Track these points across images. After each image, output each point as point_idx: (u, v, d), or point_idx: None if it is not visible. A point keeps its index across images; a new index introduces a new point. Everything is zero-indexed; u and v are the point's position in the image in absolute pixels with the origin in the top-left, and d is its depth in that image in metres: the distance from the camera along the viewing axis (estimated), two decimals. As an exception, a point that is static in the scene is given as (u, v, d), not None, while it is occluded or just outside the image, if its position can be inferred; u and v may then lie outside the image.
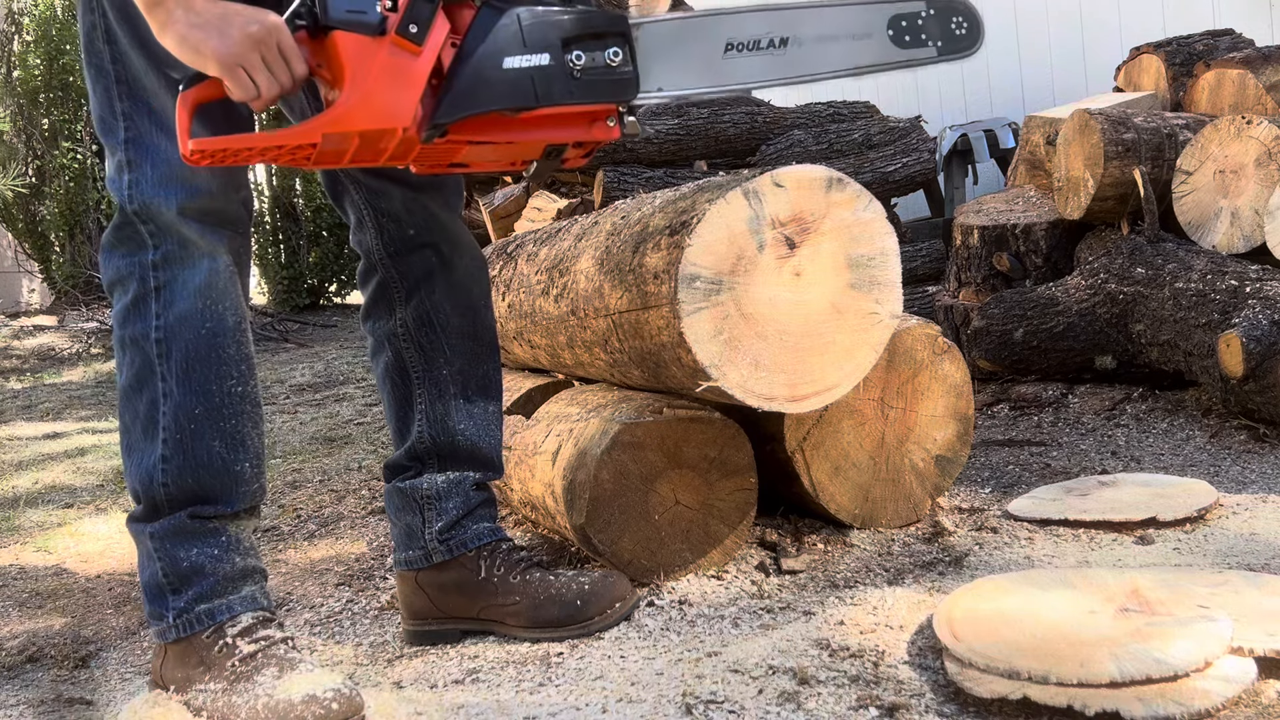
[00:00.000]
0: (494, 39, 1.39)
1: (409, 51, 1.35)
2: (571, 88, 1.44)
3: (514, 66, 1.40)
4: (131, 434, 1.52)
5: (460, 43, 1.39)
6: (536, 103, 1.43)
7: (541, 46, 1.42)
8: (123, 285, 1.50)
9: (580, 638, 1.61)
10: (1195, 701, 1.18)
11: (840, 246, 1.66)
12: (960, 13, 1.87)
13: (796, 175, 1.62)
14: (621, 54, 1.48)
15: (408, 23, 1.34)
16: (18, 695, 1.69)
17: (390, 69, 1.34)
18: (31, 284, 8.99)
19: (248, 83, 1.31)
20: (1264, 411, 2.33)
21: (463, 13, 1.40)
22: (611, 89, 1.48)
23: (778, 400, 1.63)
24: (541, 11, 1.43)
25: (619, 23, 1.49)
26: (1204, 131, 2.79)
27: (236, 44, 1.29)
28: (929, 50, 1.84)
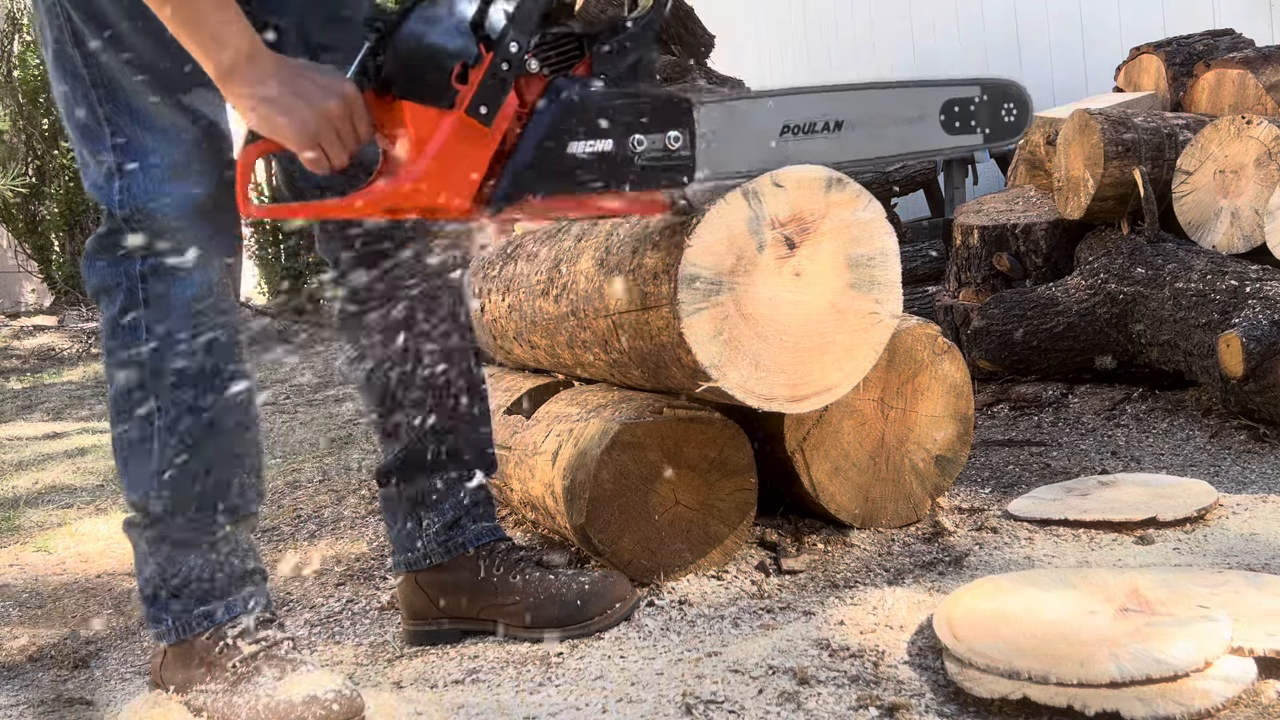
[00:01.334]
0: (561, 122, 1.41)
1: (475, 130, 1.35)
2: (631, 174, 1.47)
3: (578, 154, 1.42)
4: (126, 442, 1.50)
5: (527, 119, 1.40)
6: (596, 189, 1.44)
7: (606, 132, 1.44)
8: (109, 294, 1.47)
9: (580, 638, 1.61)
10: (1195, 701, 1.18)
11: (840, 246, 1.66)
12: (1013, 99, 1.87)
13: (796, 175, 1.62)
14: (682, 139, 1.51)
15: (479, 103, 1.34)
16: (18, 695, 1.69)
17: (457, 146, 1.34)
18: (31, 284, 8.99)
19: (321, 157, 1.32)
20: (1264, 411, 2.33)
21: (531, 86, 1.40)
22: (669, 175, 1.50)
23: (778, 400, 1.63)
24: (609, 95, 1.44)
25: (682, 107, 1.51)
26: (1204, 131, 2.79)
27: (312, 123, 1.30)
28: (976, 137, 1.84)
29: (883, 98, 1.73)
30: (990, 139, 1.85)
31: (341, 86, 1.32)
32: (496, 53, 1.34)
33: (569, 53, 1.43)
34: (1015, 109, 1.87)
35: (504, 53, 1.34)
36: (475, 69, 1.33)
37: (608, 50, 1.44)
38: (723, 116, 1.57)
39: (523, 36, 1.35)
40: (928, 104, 1.77)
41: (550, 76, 1.41)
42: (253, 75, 1.30)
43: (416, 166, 1.34)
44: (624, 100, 1.45)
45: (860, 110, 1.69)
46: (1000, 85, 1.87)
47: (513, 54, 1.35)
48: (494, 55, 1.34)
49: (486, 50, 1.34)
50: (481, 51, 1.34)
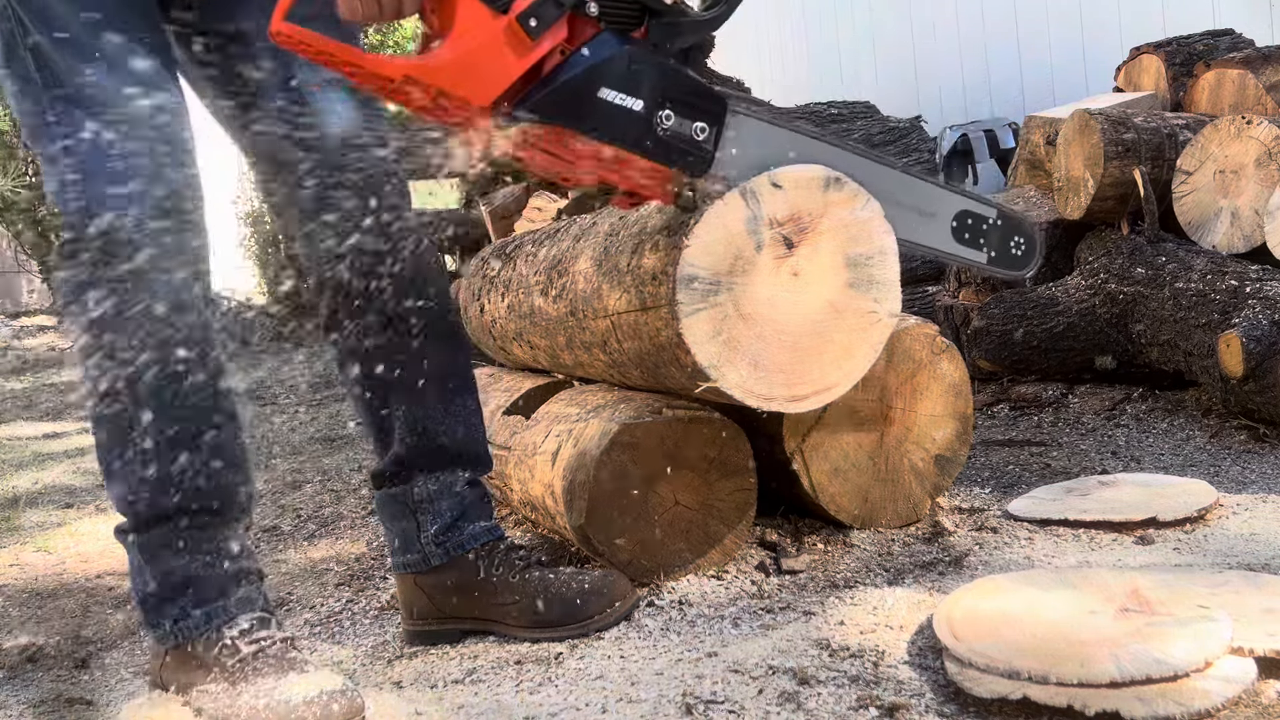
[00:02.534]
0: (601, 66, 1.42)
1: (520, 40, 1.36)
2: (650, 142, 1.48)
3: (607, 99, 1.43)
4: (109, 452, 1.49)
5: (569, 53, 1.41)
6: (612, 141, 1.45)
7: (640, 92, 1.45)
8: (80, 302, 1.44)
9: (580, 637, 1.61)
10: (1195, 701, 1.18)
11: (838, 246, 1.65)
12: (1024, 235, 1.89)
13: (794, 175, 1.62)
14: (708, 132, 1.52)
15: (529, 16, 1.36)
16: (18, 695, 1.69)
17: (495, 48, 1.36)
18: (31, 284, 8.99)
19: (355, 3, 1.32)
20: (1264, 411, 2.33)
21: (584, 27, 1.42)
22: (685, 157, 1.52)
23: (777, 400, 1.63)
24: (654, 62, 1.46)
25: (718, 102, 1.53)
26: (1204, 131, 2.79)
27: None
28: (980, 255, 1.86)
29: (910, 184, 1.76)
30: (993, 263, 1.88)
31: None
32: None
33: (630, 15, 1.45)
34: (1025, 245, 1.89)
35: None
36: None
37: (666, 26, 1.47)
38: (757, 131, 1.58)
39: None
40: (946, 206, 1.80)
41: (604, 27, 1.43)
42: None
43: (452, 50, 1.35)
44: (665, 73, 1.47)
45: (885, 185, 1.71)
46: (1019, 219, 1.90)
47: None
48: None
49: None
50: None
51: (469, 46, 1.35)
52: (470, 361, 1.74)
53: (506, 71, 1.37)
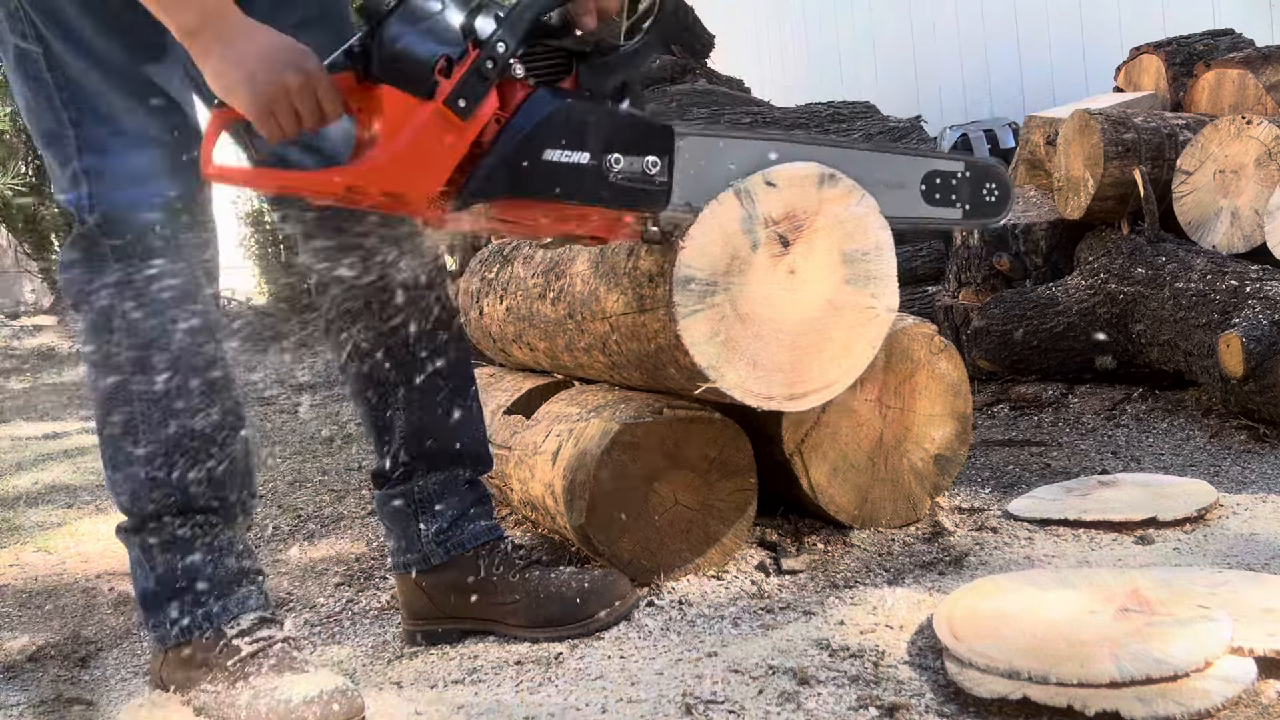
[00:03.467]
0: (539, 128, 1.38)
1: (452, 123, 1.33)
2: (602, 190, 1.44)
3: (553, 160, 1.40)
4: (112, 450, 1.50)
5: (506, 121, 1.38)
6: (567, 199, 1.42)
7: (584, 144, 1.41)
8: (86, 302, 1.46)
9: (580, 636, 1.61)
10: (1195, 701, 1.18)
11: (834, 242, 1.65)
12: (995, 180, 1.88)
13: (788, 173, 1.62)
14: (660, 165, 1.48)
15: (458, 96, 1.32)
16: (18, 695, 1.69)
17: (429, 137, 1.33)
18: (31, 284, 8.99)
19: (275, 126, 1.30)
20: (1264, 411, 2.33)
21: (514, 90, 1.38)
22: (643, 198, 1.48)
23: (777, 399, 1.63)
24: (591, 109, 1.42)
25: (664, 134, 1.49)
26: (1204, 131, 2.79)
27: (268, 94, 1.27)
28: (955, 212, 1.85)
29: (870, 159, 1.73)
30: (969, 216, 1.86)
31: (306, 62, 1.30)
32: (482, 50, 1.33)
33: (556, 66, 1.41)
34: (998, 189, 1.88)
35: (490, 50, 1.33)
36: (459, 65, 1.32)
37: (596, 69, 1.42)
38: (709, 149, 1.56)
39: (511, 39, 1.34)
40: (911, 172, 1.77)
41: (535, 85, 1.39)
42: (217, 35, 1.28)
43: (387, 149, 1.32)
44: (606, 118, 1.43)
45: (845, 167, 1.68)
46: (984, 165, 1.88)
47: (499, 54, 1.34)
48: (479, 52, 1.33)
49: (474, 48, 1.33)
50: (469, 49, 1.33)
51: (403, 142, 1.32)
52: (470, 361, 1.75)
53: (446, 158, 1.34)
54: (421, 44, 1.33)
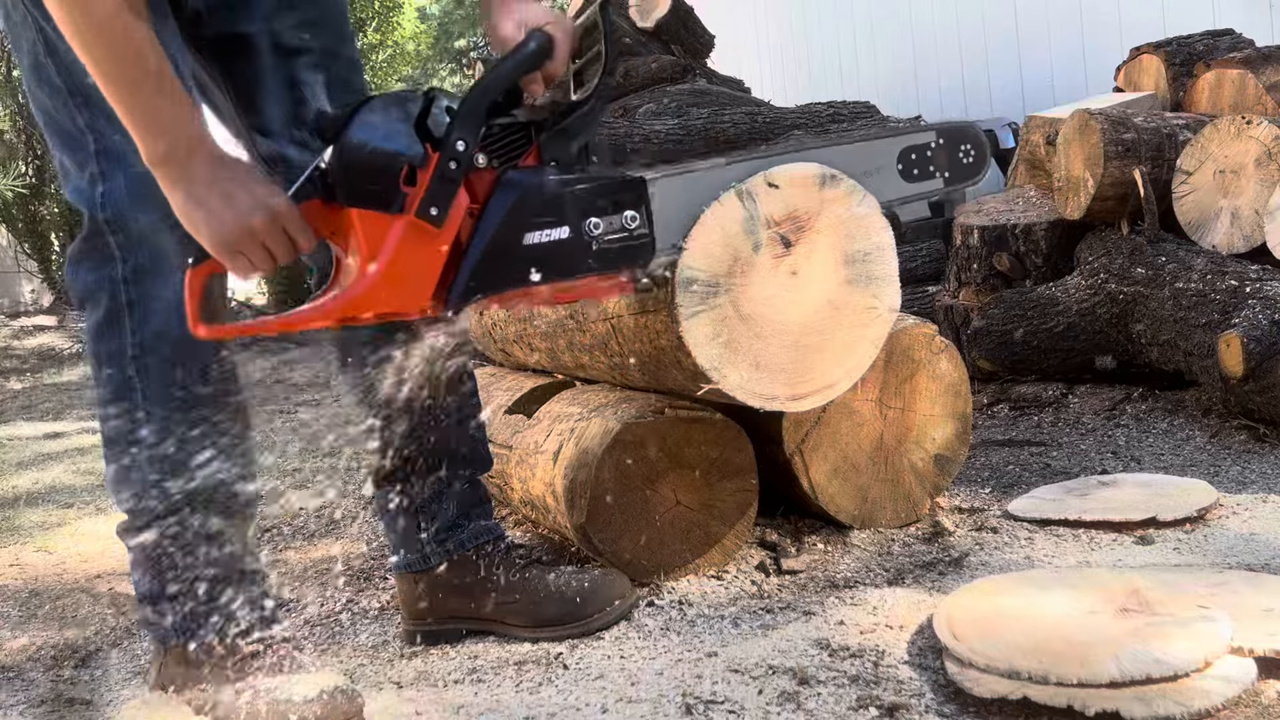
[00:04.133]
0: (514, 214, 1.37)
1: (427, 232, 1.31)
2: (590, 259, 1.43)
3: (534, 243, 1.38)
4: (115, 448, 1.50)
5: (479, 213, 1.36)
6: (556, 278, 1.41)
7: (561, 218, 1.40)
8: (94, 299, 1.46)
9: (580, 637, 1.61)
10: (1195, 701, 1.18)
11: (836, 243, 1.65)
12: (969, 140, 1.88)
13: (790, 174, 1.62)
14: (638, 216, 1.47)
15: (428, 205, 1.30)
16: (18, 695, 1.69)
17: (407, 251, 1.31)
18: (31, 284, 8.99)
19: (245, 265, 1.28)
20: (1264, 411, 2.33)
21: (481, 181, 1.36)
22: (629, 255, 1.47)
23: (779, 400, 1.63)
24: (561, 183, 1.40)
25: (635, 186, 1.48)
26: (1204, 131, 2.79)
27: (234, 232, 1.26)
28: (936, 182, 1.85)
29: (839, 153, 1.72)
30: (951, 182, 1.86)
31: (273, 201, 1.28)
32: (443, 152, 1.31)
33: (516, 142, 1.39)
34: (973, 149, 1.87)
35: (451, 152, 1.31)
36: (423, 170, 1.30)
37: (555, 136, 1.41)
38: (679, 188, 1.55)
39: (469, 134, 1.32)
40: (884, 154, 1.76)
41: (499, 169, 1.37)
42: (184, 172, 1.26)
43: (369, 274, 1.30)
44: (576, 186, 1.41)
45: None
46: (956, 128, 1.87)
47: (460, 152, 1.31)
48: (440, 155, 1.30)
49: (433, 150, 1.31)
50: (428, 151, 1.30)
51: (383, 263, 1.30)
52: (469, 355, 1.75)
53: (429, 269, 1.33)
54: (380, 158, 1.29)
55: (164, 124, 1.26)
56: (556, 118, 1.41)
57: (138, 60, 1.25)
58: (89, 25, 1.23)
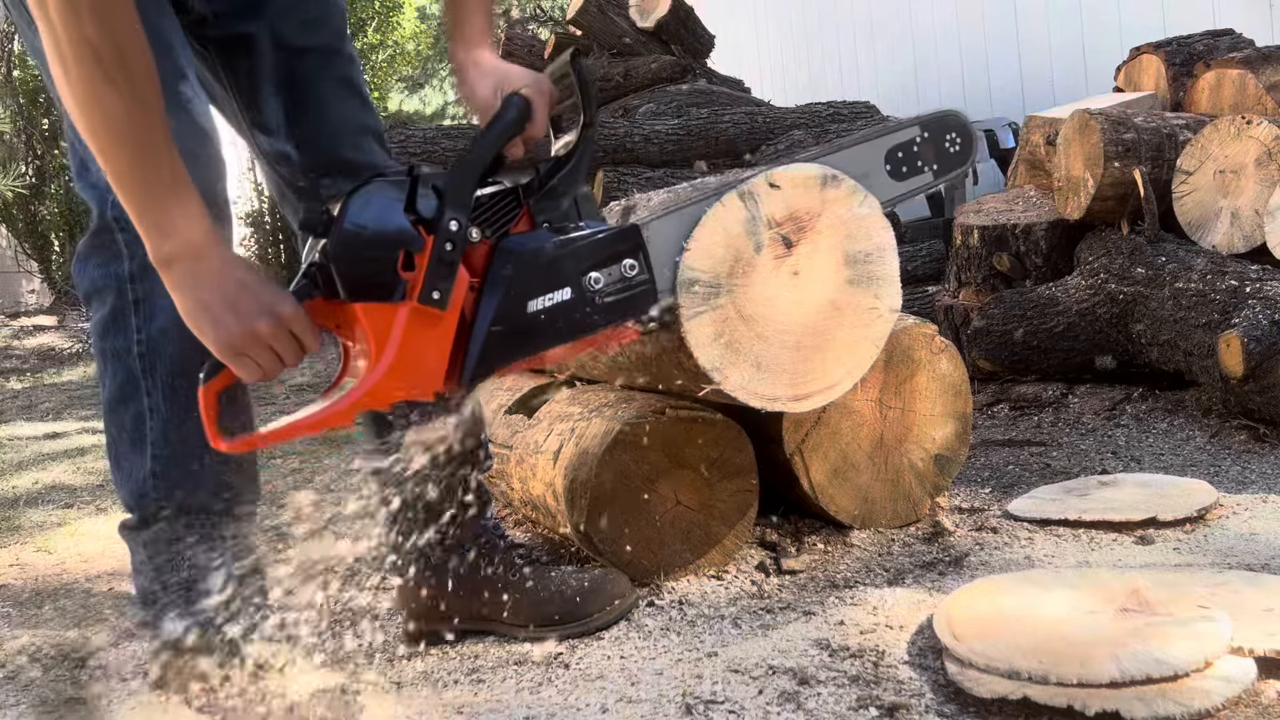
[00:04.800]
0: (515, 284, 1.36)
1: (432, 316, 1.31)
2: (594, 315, 1.43)
3: (538, 309, 1.38)
4: (119, 446, 1.50)
5: (480, 286, 1.35)
6: (564, 340, 1.41)
7: (562, 281, 1.39)
8: (100, 296, 1.46)
9: (580, 636, 1.61)
10: (1195, 701, 1.18)
11: (837, 243, 1.65)
12: (953, 128, 1.87)
13: (791, 174, 1.62)
14: (637, 264, 1.47)
15: (430, 289, 1.29)
16: (18, 695, 1.69)
17: (415, 338, 1.30)
18: (31, 284, 8.99)
19: (252, 368, 1.27)
20: (1264, 411, 2.33)
21: (477, 254, 1.35)
22: (632, 304, 1.47)
23: (780, 400, 1.63)
24: (558, 244, 1.39)
25: (631, 235, 1.47)
26: (1204, 131, 2.79)
27: (240, 338, 1.25)
28: (926, 176, 1.84)
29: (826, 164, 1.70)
30: (940, 173, 1.85)
31: (278, 306, 1.26)
32: (437, 235, 1.29)
33: (506, 209, 1.38)
34: (959, 137, 1.87)
35: (445, 234, 1.29)
36: (419, 254, 1.29)
37: (544, 198, 1.40)
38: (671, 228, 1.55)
39: (461, 213, 1.31)
40: (871, 157, 1.76)
41: (494, 239, 1.36)
42: (190, 276, 1.25)
43: (380, 366, 1.29)
44: (572, 245, 1.41)
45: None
46: (938, 119, 1.87)
47: (454, 233, 1.30)
48: (435, 238, 1.29)
49: (426, 233, 1.29)
50: (421, 234, 1.29)
51: (392, 352, 1.29)
52: None
53: (438, 351, 1.32)
54: (376, 250, 1.28)
55: (172, 227, 1.25)
56: (543, 178, 1.41)
57: (153, 164, 1.23)
58: (106, 129, 1.21)
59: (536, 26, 9.01)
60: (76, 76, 1.19)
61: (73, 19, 1.16)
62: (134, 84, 1.20)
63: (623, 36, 6.20)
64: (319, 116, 1.62)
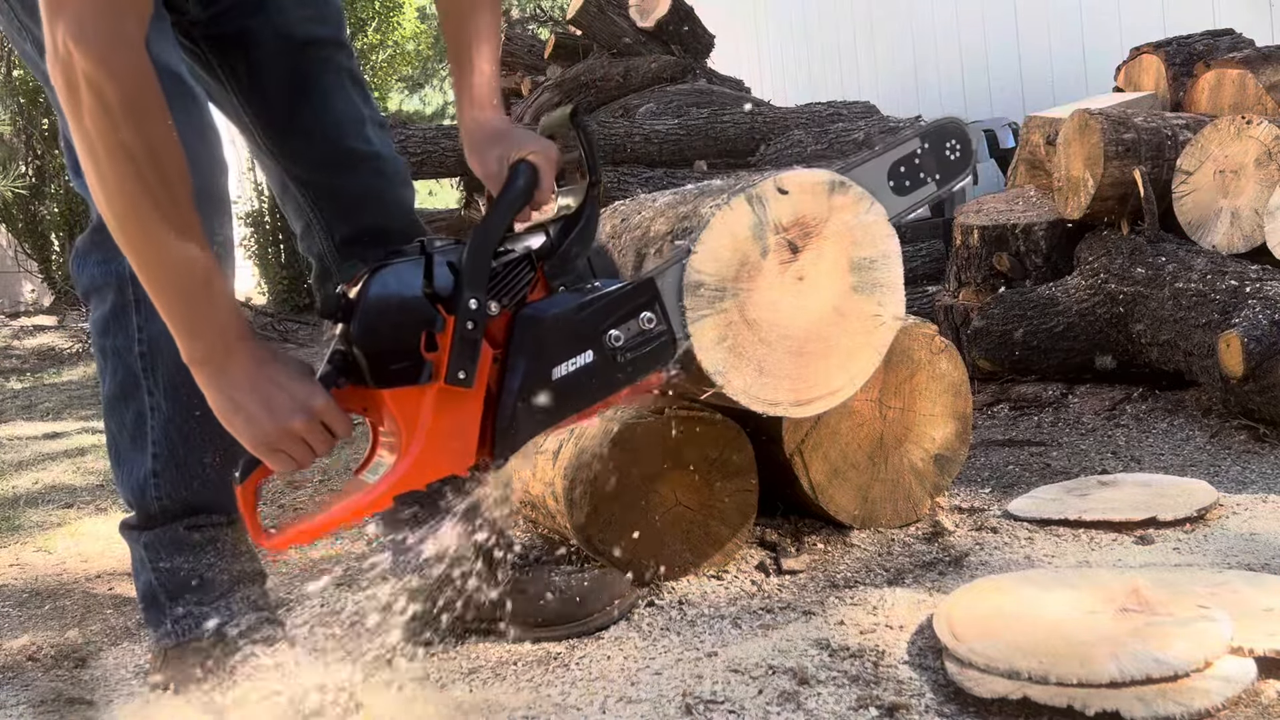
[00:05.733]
0: (539, 354, 1.36)
1: (459, 394, 1.30)
2: (618, 373, 1.43)
3: (562, 375, 1.38)
4: (120, 443, 1.50)
5: (503, 360, 1.34)
6: (591, 403, 1.41)
7: (584, 343, 1.39)
8: (100, 294, 1.46)
9: (579, 636, 1.61)
10: (1195, 701, 1.18)
11: (843, 250, 1.65)
12: (952, 135, 1.87)
13: (799, 179, 1.62)
14: (654, 316, 1.47)
15: (455, 369, 1.29)
16: (18, 695, 1.69)
17: (445, 416, 1.30)
18: (31, 284, 8.99)
19: (287, 461, 1.27)
20: (1264, 411, 2.33)
21: (497, 323, 1.35)
22: (654, 357, 1.47)
23: (782, 405, 1.63)
24: (577, 309, 1.39)
25: (646, 289, 1.48)
26: (1204, 131, 2.79)
27: (273, 435, 1.25)
28: (930, 187, 1.84)
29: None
30: (943, 183, 1.85)
31: (311, 400, 1.26)
32: (458, 315, 1.29)
33: (521, 275, 1.37)
34: (959, 144, 1.87)
35: (466, 312, 1.29)
36: (441, 334, 1.28)
37: (558, 262, 1.39)
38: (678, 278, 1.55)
39: (479, 291, 1.30)
40: (874, 175, 1.75)
41: (513, 309, 1.36)
42: (222, 375, 1.25)
43: (412, 450, 1.29)
44: (591, 307, 1.40)
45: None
46: (938, 129, 1.86)
47: (474, 310, 1.29)
48: (456, 318, 1.29)
49: (447, 312, 1.29)
50: (442, 313, 1.29)
51: (423, 435, 1.29)
52: None
53: (469, 428, 1.32)
54: (399, 336, 1.28)
55: (204, 327, 1.24)
56: (555, 241, 1.40)
57: (186, 266, 1.23)
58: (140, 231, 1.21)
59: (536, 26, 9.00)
60: (111, 179, 1.18)
61: (108, 125, 1.15)
62: (168, 186, 1.19)
63: (623, 36, 6.20)
64: (323, 107, 1.63)
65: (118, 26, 1.16)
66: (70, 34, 1.14)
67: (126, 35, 1.16)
